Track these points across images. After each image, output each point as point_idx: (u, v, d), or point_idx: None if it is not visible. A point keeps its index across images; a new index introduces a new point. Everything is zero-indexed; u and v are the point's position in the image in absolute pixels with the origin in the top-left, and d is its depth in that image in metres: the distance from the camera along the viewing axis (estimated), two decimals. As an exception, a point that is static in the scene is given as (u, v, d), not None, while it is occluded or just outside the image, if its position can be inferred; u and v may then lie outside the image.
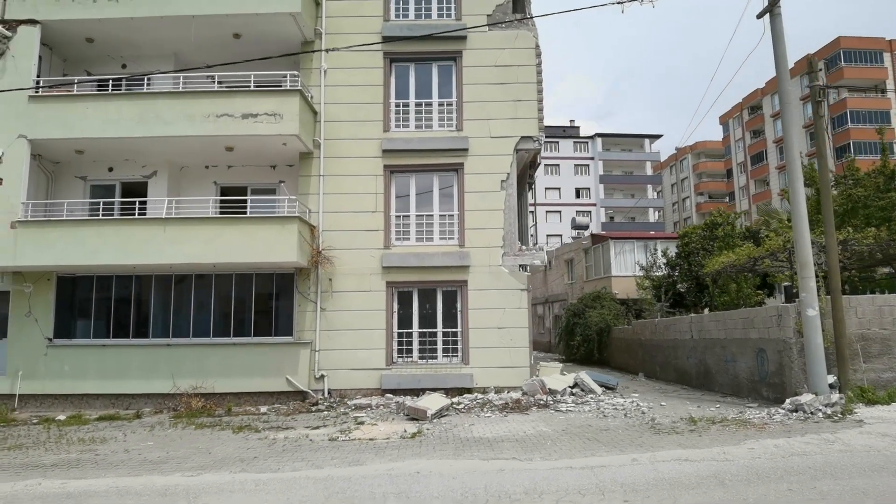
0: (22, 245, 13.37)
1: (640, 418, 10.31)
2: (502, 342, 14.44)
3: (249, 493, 6.80)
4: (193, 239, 13.39)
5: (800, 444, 7.60)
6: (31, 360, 14.22)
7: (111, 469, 8.34)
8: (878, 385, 10.35)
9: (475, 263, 14.72)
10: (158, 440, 10.44)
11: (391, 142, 15.03)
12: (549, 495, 6.09)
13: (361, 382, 14.35)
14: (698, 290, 20.95)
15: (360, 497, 6.40)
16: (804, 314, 10.21)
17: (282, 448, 9.35)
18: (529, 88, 15.32)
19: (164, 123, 13.80)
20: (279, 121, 13.78)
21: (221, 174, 16.01)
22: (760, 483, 6.08)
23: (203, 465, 8.38)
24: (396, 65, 15.61)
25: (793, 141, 10.48)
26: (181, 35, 14.87)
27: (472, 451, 8.35)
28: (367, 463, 8.01)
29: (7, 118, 13.76)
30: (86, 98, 13.96)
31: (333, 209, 14.90)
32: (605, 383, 14.75)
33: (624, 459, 7.35)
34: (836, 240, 11.01)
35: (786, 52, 10.72)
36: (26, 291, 14.42)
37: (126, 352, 14.32)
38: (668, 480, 6.36)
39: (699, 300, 20.72)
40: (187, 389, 13.86)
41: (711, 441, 8.09)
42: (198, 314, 14.69)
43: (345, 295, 14.62)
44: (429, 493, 6.40)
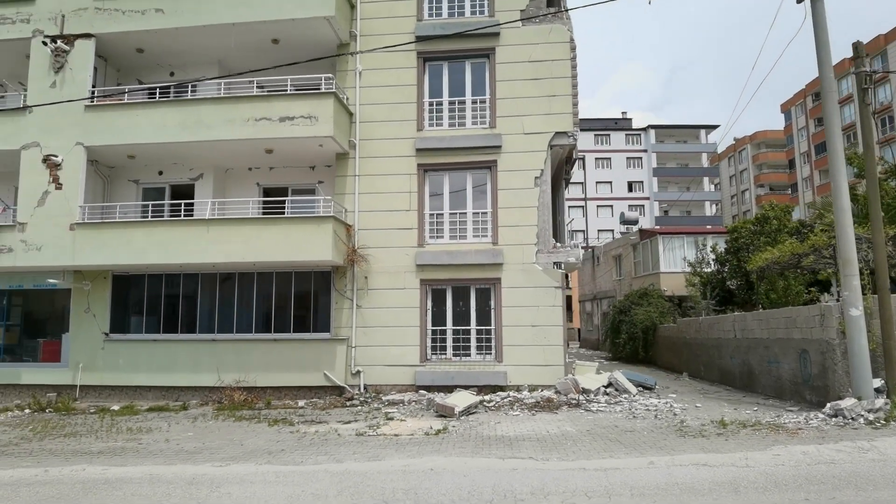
0: (80, 245, 14.24)
1: (669, 420, 10.10)
2: (536, 340, 14.38)
3: (268, 485, 7.09)
4: (234, 239, 13.93)
5: (830, 451, 7.27)
6: (90, 354, 15.15)
7: (150, 457, 8.85)
8: (931, 391, 9.76)
9: (508, 261, 14.70)
10: (198, 431, 10.96)
11: (424, 140, 15.18)
12: (555, 496, 6.09)
13: (396, 378, 14.59)
14: (748, 287, 20.18)
15: (370, 492, 6.58)
16: (847, 314, 9.73)
17: (309, 442, 9.66)
18: (564, 83, 15.13)
19: (206, 128, 14.40)
20: (314, 123, 14.14)
21: (263, 175, 16.55)
22: (777, 491, 5.88)
23: (233, 456, 8.77)
24: (430, 64, 15.72)
25: (834, 130, 9.96)
26: (223, 42, 15.45)
27: (491, 450, 8.41)
28: (386, 459, 8.20)
29: (66, 127, 14.66)
30: (135, 106, 14.73)
31: (369, 208, 15.18)
32: (643, 383, 14.47)
33: (640, 462, 7.25)
34: (887, 235, 10.43)
35: (828, 39, 10.20)
36: (85, 289, 15.36)
37: (174, 346, 15.05)
38: (681, 485, 6.24)
39: (749, 298, 19.96)
40: (230, 383, 14.46)
41: (737, 446, 7.85)
42: (241, 311, 15.27)
43: (380, 292, 14.89)
44: (437, 490, 6.51)
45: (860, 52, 10.35)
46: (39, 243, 14.30)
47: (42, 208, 14.45)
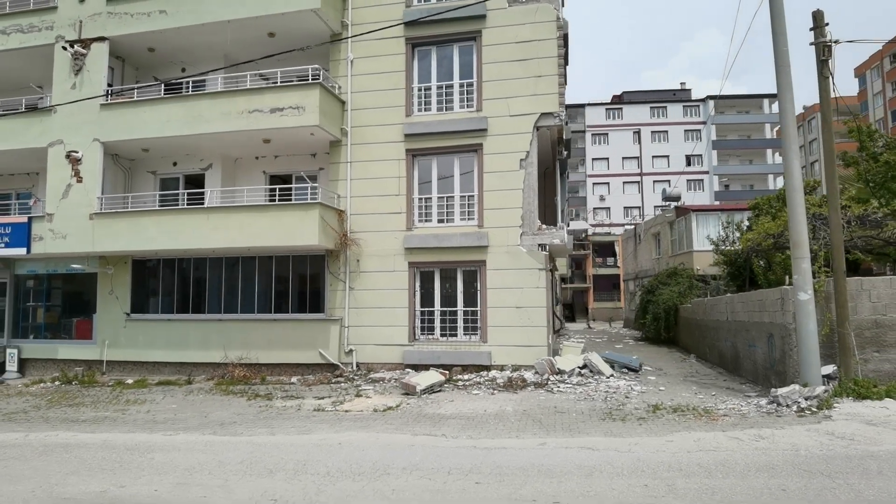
0: (98, 234, 15.59)
1: (614, 403, 10.12)
2: (520, 321, 14.54)
3: (191, 452, 7.84)
4: (231, 225, 14.84)
5: (725, 439, 7.17)
6: (114, 332, 16.63)
7: (120, 426, 9.86)
8: (894, 377, 9.27)
9: (493, 244, 14.87)
10: (183, 404, 11.98)
11: (412, 126, 15.48)
12: (421, 471, 6.45)
13: (386, 357, 15.18)
14: (769, 266, 19.31)
15: (267, 461, 7.18)
16: (796, 298, 9.38)
17: (267, 415, 10.42)
18: (550, 63, 14.99)
19: (206, 122, 15.31)
20: (302, 113, 14.74)
21: (269, 164, 17.40)
22: (627, 477, 5.84)
23: (189, 426, 9.64)
24: (419, 49, 15.94)
25: (787, 107, 9.48)
26: (224, 38, 16.25)
27: (415, 427, 8.84)
28: (315, 433, 8.80)
29: (85, 125, 15.98)
30: (143, 103, 15.83)
31: (360, 194, 15.71)
32: (627, 364, 14.39)
33: (534, 443, 7.47)
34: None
35: (783, 9, 9.68)
36: (108, 273, 16.81)
37: (186, 325, 16.26)
38: (544, 467, 6.36)
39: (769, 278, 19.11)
40: (234, 360, 15.50)
41: (644, 431, 7.87)
42: (245, 292, 16.27)
43: (371, 275, 15.46)
44: (325, 462, 7.03)
45: (820, 22, 9.73)
46: (65, 232, 15.77)
47: (66, 200, 15.89)
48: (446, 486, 5.90)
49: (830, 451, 6.43)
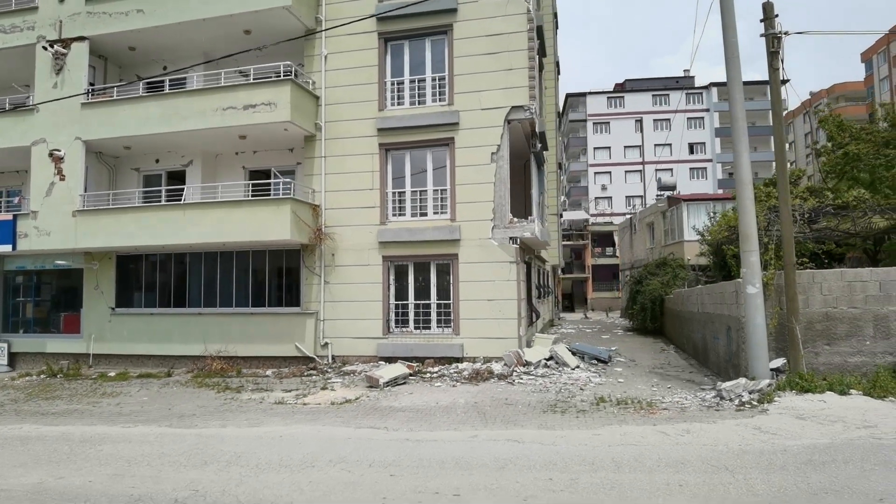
0: (81, 230, 15.91)
1: (567, 395, 10.26)
2: (492, 314, 14.68)
3: (141, 444, 8.11)
4: (206, 221, 15.09)
5: (652, 433, 7.29)
6: (99, 326, 17.01)
7: (85, 418, 10.18)
8: (845, 370, 9.29)
9: (466, 237, 15.00)
10: (155, 396, 12.29)
11: (385, 120, 15.61)
12: (345, 464, 6.66)
13: (361, 350, 15.41)
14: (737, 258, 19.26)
15: (207, 452, 7.43)
16: (744, 292, 9.44)
17: (228, 408, 10.69)
18: (520, 56, 15.02)
19: (182, 119, 15.54)
20: (274, 109, 14.91)
21: (248, 159, 17.63)
22: (537, 470, 5.97)
23: (151, 419, 9.94)
24: (391, 44, 16.02)
25: (737, 98, 9.48)
26: (202, 36, 16.46)
27: (363, 420, 9.06)
28: (264, 425, 9.05)
29: (67, 124, 16.27)
30: (121, 102, 16.08)
31: (335, 188, 15.89)
32: (597, 356, 14.51)
33: (466, 436, 7.65)
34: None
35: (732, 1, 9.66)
36: (94, 269, 17.16)
37: (168, 319, 16.59)
38: (462, 460, 6.49)
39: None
40: (213, 353, 15.81)
41: (579, 424, 8.00)
42: (223, 287, 16.56)
43: (346, 269, 15.67)
44: (258, 454, 7.26)
45: (769, 13, 9.70)
46: (48, 229, 16.12)
47: (49, 198, 16.22)
48: (362, 478, 6.10)
49: (748, 446, 6.54)
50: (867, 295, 9.22)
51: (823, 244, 13.40)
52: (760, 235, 9.89)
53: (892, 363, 8.94)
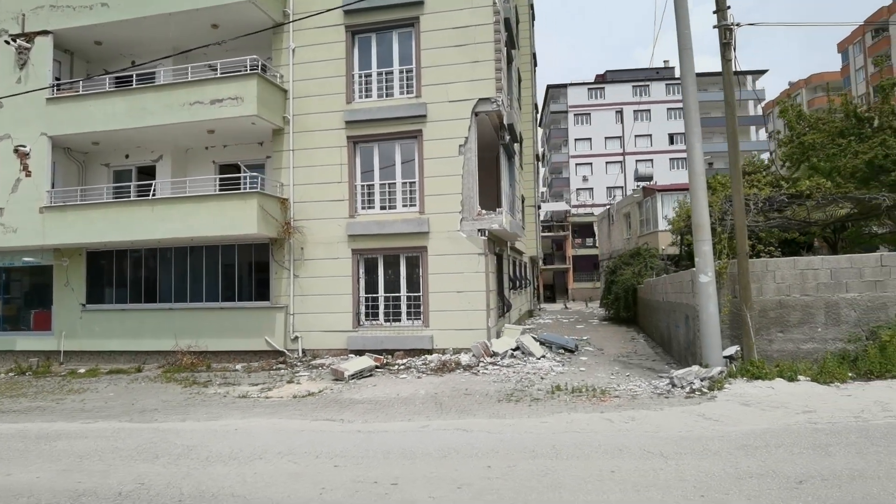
0: (48, 227, 15.77)
1: (526, 384, 10.38)
2: (461, 305, 14.77)
3: (97, 439, 8.11)
4: (175, 216, 15.01)
5: (599, 420, 7.41)
6: (70, 323, 16.89)
7: (48, 415, 10.14)
8: (797, 356, 9.48)
9: (434, 229, 15.06)
10: (121, 392, 12.26)
11: (353, 113, 15.58)
12: (289, 456, 6.71)
13: (332, 343, 15.45)
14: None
15: (159, 447, 7.46)
16: (697, 281, 9.60)
17: (192, 402, 10.70)
18: (486, 48, 15.05)
19: (150, 114, 15.41)
20: (240, 103, 14.85)
21: (219, 154, 17.53)
22: (479, 458, 6.08)
23: (112, 414, 9.92)
24: (359, 37, 15.98)
25: (690, 90, 9.60)
26: (169, 30, 16.31)
27: (320, 413, 9.12)
28: (223, 419, 9.08)
29: (32, 119, 16.08)
30: (88, 97, 15.90)
31: (304, 181, 15.87)
32: (564, 345, 14.67)
33: (417, 426, 7.74)
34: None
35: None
36: (63, 265, 17.03)
37: (140, 315, 16.51)
38: (407, 450, 6.57)
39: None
40: (184, 348, 15.77)
41: (529, 413, 8.11)
42: (194, 282, 16.50)
43: (315, 262, 15.68)
44: (210, 447, 7.30)
45: (721, 5, 9.82)
46: (16, 226, 15.96)
47: (16, 194, 16.04)
48: (306, 469, 6.17)
49: (688, 433, 6.68)
50: (819, 282, 9.41)
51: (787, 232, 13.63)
52: (714, 225, 10.05)
53: (842, 349, 9.14)
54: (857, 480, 4.77)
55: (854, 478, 4.83)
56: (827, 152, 12.81)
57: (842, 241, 12.85)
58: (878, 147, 11.69)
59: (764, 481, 4.89)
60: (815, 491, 4.61)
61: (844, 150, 12.43)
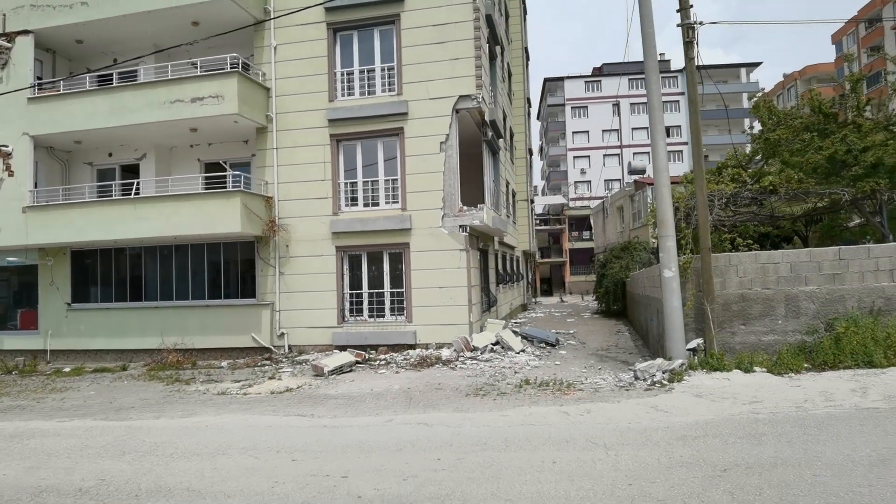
0: (31, 226, 15.90)
1: (498, 378, 10.51)
2: (443, 301, 14.91)
3: (69, 437, 8.25)
4: (156, 215, 15.12)
5: (555, 413, 7.52)
6: (56, 322, 17.04)
7: (26, 414, 10.28)
8: (759, 348, 9.59)
9: (417, 226, 15.17)
10: (103, 391, 12.39)
11: (335, 111, 15.67)
12: (252, 451, 6.85)
13: (317, 339, 15.59)
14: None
15: (127, 444, 7.60)
16: (661, 275, 9.71)
17: (171, 399, 10.84)
18: (466, 45, 15.12)
19: (130, 112, 15.50)
20: (221, 102, 14.93)
21: (203, 152, 17.62)
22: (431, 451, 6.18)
23: (89, 413, 10.06)
24: (341, 34, 16.04)
25: (653, 88, 9.67)
26: (149, 28, 16.39)
27: (292, 409, 9.25)
28: (198, 415, 9.22)
29: (14, 119, 16.18)
30: (69, 96, 15.99)
31: (288, 180, 15.97)
32: (545, 339, 14.80)
33: (382, 420, 7.87)
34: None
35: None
36: (48, 265, 17.17)
37: (125, 314, 16.66)
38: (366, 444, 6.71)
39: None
40: (170, 346, 15.92)
41: (493, 406, 8.25)
42: (179, 280, 16.64)
43: (300, 260, 15.80)
44: (178, 443, 7.44)
45: (685, 4, 9.88)
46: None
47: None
48: (265, 464, 6.31)
49: (636, 424, 6.80)
50: (779, 276, 9.51)
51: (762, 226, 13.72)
52: (680, 222, 10.15)
53: (801, 341, 9.25)
54: (778, 468, 4.90)
55: (776, 465, 4.96)
56: (791, 148, 12.87)
57: (814, 234, 12.93)
58: (839, 143, 11.74)
59: (691, 469, 5.02)
60: (736, 478, 4.74)
61: (808, 146, 12.50)
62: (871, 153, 11.38)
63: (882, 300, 9.13)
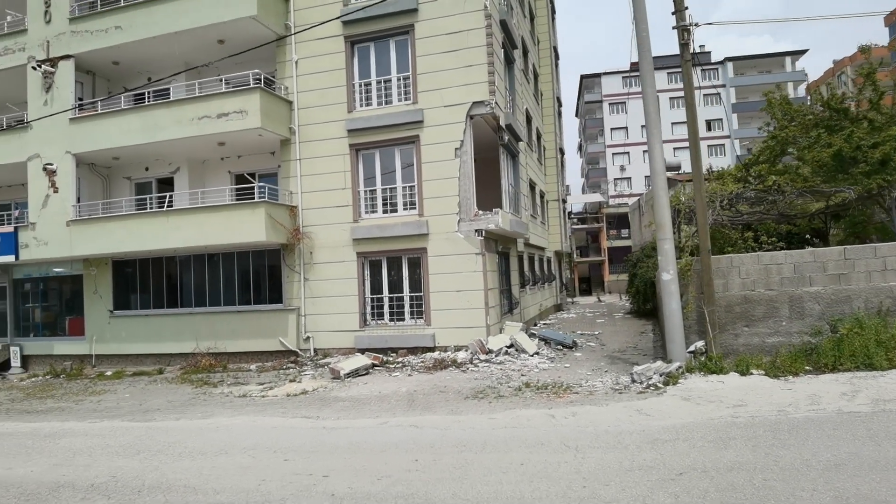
0: (75, 239, 16.96)
1: (502, 381, 10.68)
2: (460, 304, 15.17)
3: (96, 437, 8.91)
4: (188, 226, 15.91)
5: (542, 417, 7.66)
6: (100, 328, 18.11)
7: (63, 415, 11.08)
8: (763, 350, 9.50)
9: (433, 231, 15.48)
10: (138, 393, 13.18)
11: (354, 121, 16.14)
12: (252, 451, 7.29)
13: (340, 342, 16.09)
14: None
15: (146, 443, 8.17)
16: (660, 278, 9.72)
17: (197, 402, 11.47)
18: (479, 52, 15.34)
19: (161, 129, 16.36)
20: (245, 116, 15.60)
21: (233, 164, 18.40)
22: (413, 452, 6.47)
23: (119, 414, 10.77)
24: (358, 46, 16.51)
25: (648, 91, 9.67)
26: (180, 48, 17.23)
27: (304, 410, 9.71)
28: (214, 417, 9.77)
29: (57, 139, 17.29)
30: (106, 115, 16.98)
31: (311, 189, 16.54)
32: (562, 341, 14.88)
33: (377, 423, 8.21)
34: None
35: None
36: (92, 274, 18.25)
37: (162, 320, 17.56)
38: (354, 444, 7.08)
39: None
40: (204, 350, 16.72)
41: (487, 408, 8.46)
42: (211, 287, 17.43)
43: (323, 266, 16.34)
44: (187, 443, 7.97)
45: (679, 6, 9.84)
46: (46, 239, 17.21)
47: (45, 209, 17.29)
48: (259, 463, 6.73)
49: (614, 428, 6.89)
50: (783, 277, 9.39)
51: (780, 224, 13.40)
52: (680, 223, 10.12)
53: (805, 342, 9.11)
54: (732, 472, 4.96)
55: (731, 469, 5.02)
56: (800, 145, 12.54)
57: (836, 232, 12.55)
58: (845, 140, 11.37)
59: (648, 473, 5.14)
60: (687, 481, 4.84)
61: (815, 143, 12.15)
62: (879, 150, 11.01)
63: (890, 300, 8.92)
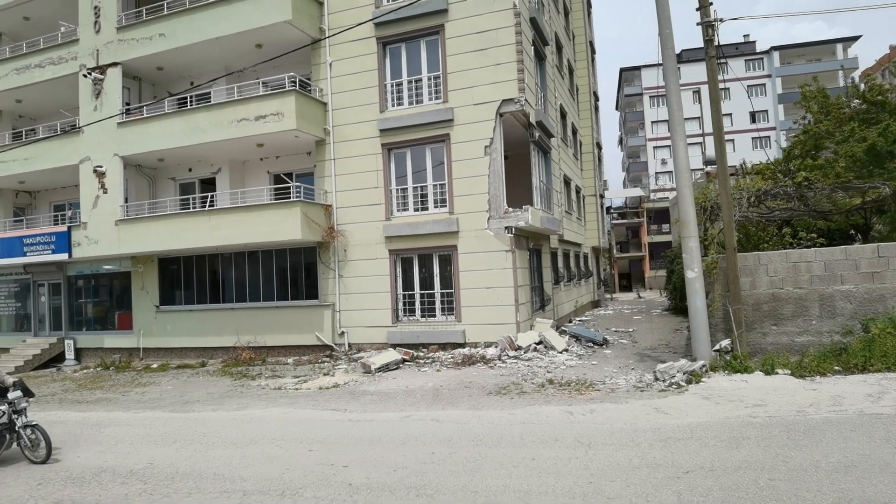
0: (123, 238, 17.80)
1: (527, 377, 10.80)
2: (490, 301, 15.31)
3: (138, 426, 9.43)
4: (227, 225, 16.50)
5: (560, 413, 7.72)
6: (147, 322, 18.96)
7: (109, 405, 11.72)
8: (792, 350, 9.32)
9: (464, 228, 15.65)
10: (179, 386, 13.80)
11: (385, 121, 16.42)
12: (280, 441, 7.63)
13: (374, 337, 16.44)
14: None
15: (183, 433, 8.63)
16: (686, 276, 9.65)
17: (234, 394, 11.96)
18: (508, 50, 15.41)
19: (202, 132, 17.00)
20: (281, 119, 16.06)
21: (272, 164, 18.96)
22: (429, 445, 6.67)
23: (161, 405, 11.33)
24: (389, 47, 16.78)
25: (671, 89, 9.55)
26: (220, 53, 17.86)
27: (333, 403, 10.03)
28: (248, 409, 10.19)
29: (106, 142, 18.16)
30: (151, 119, 17.74)
31: (344, 188, 16.92)
32: (592, 339, 14.85)
33: (401, 416, 8.45)
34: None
35: (674, -11, 9.73)
36: (139, 271, 19.11)
37: (205, 315, 18.27)
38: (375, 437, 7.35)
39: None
40: (244, 344, 17.34)
41: (508, 404, 8.58)
42: (251, 283, 18.03)
43: (357, 263, 16.71)
44: (219, 435, 8.37)
45: (704, 2, 9.69)
46: (97, 238, 18.11)
47: (96, 209, 18.19)
48: (285, 453, 7.04)
49: (630, 425, 6.93)
50: (812, 275, 9.19)
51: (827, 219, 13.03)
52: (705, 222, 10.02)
53: (837, 342, 8.91)
54: (739, 471, 4.97)
55: (738, 469, 5.03)
56: (834, 140, 12.14)
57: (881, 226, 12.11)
58: (879, 135, 10.95)
59: (655, 471, 5.19)
60: (693, 480, 4.87)
61: (849, 136, 11.74)
62: None
63: (927, 299, 8.65)
